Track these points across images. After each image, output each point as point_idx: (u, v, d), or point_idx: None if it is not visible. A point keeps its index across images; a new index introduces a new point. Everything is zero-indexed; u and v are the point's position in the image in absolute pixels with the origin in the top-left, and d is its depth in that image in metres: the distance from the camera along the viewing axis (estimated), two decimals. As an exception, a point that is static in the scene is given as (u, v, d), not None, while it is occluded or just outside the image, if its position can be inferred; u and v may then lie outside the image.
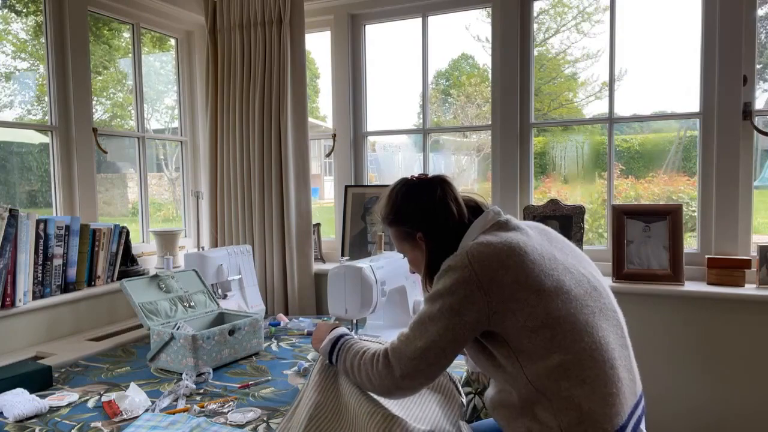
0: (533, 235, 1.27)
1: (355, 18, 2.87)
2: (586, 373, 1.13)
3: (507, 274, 1.15)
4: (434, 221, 1.33)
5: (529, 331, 1.14)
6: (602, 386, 1.13)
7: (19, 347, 1.98)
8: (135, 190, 2.87)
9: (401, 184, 1.41)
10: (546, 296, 1.15)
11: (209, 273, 2.26)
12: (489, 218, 1.30)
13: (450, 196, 1.35)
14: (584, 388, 1.12)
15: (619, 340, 1.23)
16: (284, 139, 2.67)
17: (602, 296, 1.25)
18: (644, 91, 2.52)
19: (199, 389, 1.61)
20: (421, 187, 1.37)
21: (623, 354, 1.22)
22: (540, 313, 1.14)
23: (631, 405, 1.18)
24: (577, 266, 1.26)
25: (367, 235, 2.81)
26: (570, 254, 1.29)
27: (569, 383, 1.12)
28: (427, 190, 1.36)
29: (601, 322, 1.20)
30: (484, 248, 1.19)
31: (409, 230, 1.37)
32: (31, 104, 2.50)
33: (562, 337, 1.14)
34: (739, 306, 2.09)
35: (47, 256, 2.07)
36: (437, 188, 1.35)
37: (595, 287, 1.25)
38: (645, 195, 2.69)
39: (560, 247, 1.29)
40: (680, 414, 2.20)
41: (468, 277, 1.16)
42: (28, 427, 1.38)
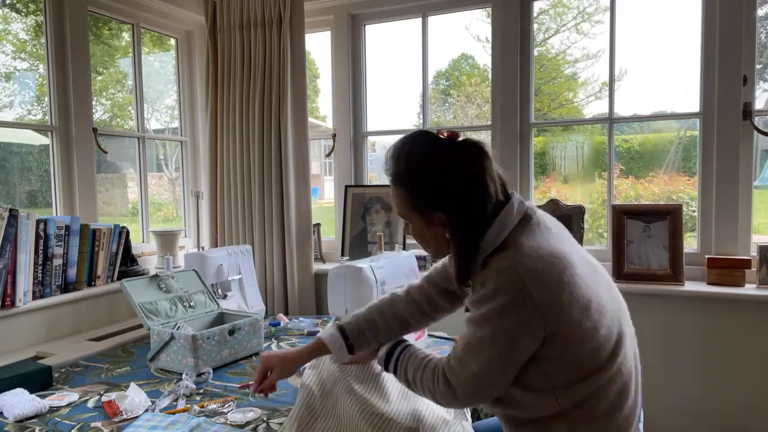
0: (564, 237, 1.15)
1: (355, 18, 2.87)
2: (614, 394, 1.09)
3: (563, 293, 1.01)
4: (465, 204, 1.08)
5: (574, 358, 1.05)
6: (623, 405, 1.11)
7: (19, 347, 1.97)
8: (135, 190, 2.87)
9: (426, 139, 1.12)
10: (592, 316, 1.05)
11: (209, 273, 2.26)
12: (515, 210, 1.10)
13: (489, 174, 1.09)
14: (606, 407, 1.09)
15: (634, 351, 1.19)
16: (284, 139, 2.67)
17: (623, 305, 1.20)
18: (644, 91, 2.52)
19: (199, 389, 1.61)
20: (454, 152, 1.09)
21: (636, 366, 1.19)
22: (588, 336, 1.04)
23: (636, 416, 1.17)
24: (600, 273, 1.17)
25: (367, 235, 2.81)
26: (588, 258, 1.19)
27: (598, 405, 1.08)
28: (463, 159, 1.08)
29: (625, 329, 1.14)
30: (536, 264, 1.02)
31: (427, 204, 1.12)
32: (31, 104, 2.50)
33: (601, 360, 1.06)
34: (739, 306, 2.09)
35: (47, 256, 2.07)
36: (475, 162, 1.08)
37: (615, 295, 1.18)
38: (645, 195, 2.69)
39: (580, 251, 1.17)
40: (680, 414, 2.20)
41: (523, 300, 1.00)
42: (28, 427, 1.37)
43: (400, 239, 2.70)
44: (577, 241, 2.00)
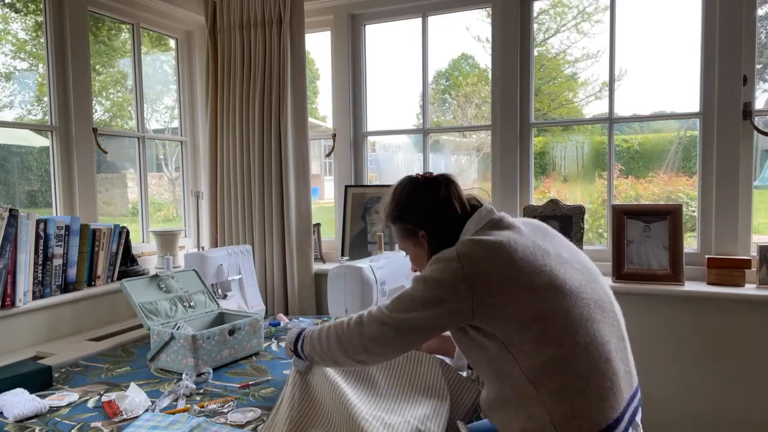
0: (526, 231, 1.29)
1: (355, 18, 2.87)
2: (580, 367, 1.14)
3: (495, 270, 1.18)
4: (437, 220, 1.35)
5: (519, 325, 1.16)
6: (597, 380, 1.14)
7: (19, 347, 1.97)
8: (135, 190, 2.87)
9: (406, 182, 1.42)
10: (537, 291, 1.17)
11: (209, 273, 2.26)
12: (482, 216, 1.32)
13: (454, 195, 1.36)
14: (578, 382, 1.13)
15: (615, 332, 1.24)
16: (284, 139, 2.67)
17: (597, 289, 1.27)
18: (644, 91, 2.52)
19: (199, 389, 1.61)
20: (426, 185, 1.39)
21: (620, 346, 1.23)
22: (531, 307, 1.16)
23: (626, 398, 1.19)
24: (572, 261, 1.27)
25: (367, 235, 2.81)
26: (565, 250, 1.30)
27: (563, 377, 1.14)
28: (432, 188, 1.37)
29: (597, 315, 1.21)
30: (473, 245, 1.23)
31: (412, 228, 1.38)
32: (31, 104, 2.50)
33: (555, 331, 1.15)
34: (739, 306, 2.09)
35: (47, 256, 2.07)
36: (442, 187, 1.36)
37: (590, 281, 1.26)
38: (645, 195, 2.69)
39: (555, 243, 1.30)
40: (680, 413, 2.20)
41: (455, 270, 1.19)
42: (28, 427, 1.37)
43: (400, 239, 2.70)
44: (578, 241, 2.04)
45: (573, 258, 1.29)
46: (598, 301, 1.24)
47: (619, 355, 1.21)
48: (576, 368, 1.14)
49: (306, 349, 1.42)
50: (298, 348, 1.44)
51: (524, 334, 1.16)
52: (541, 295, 1.17)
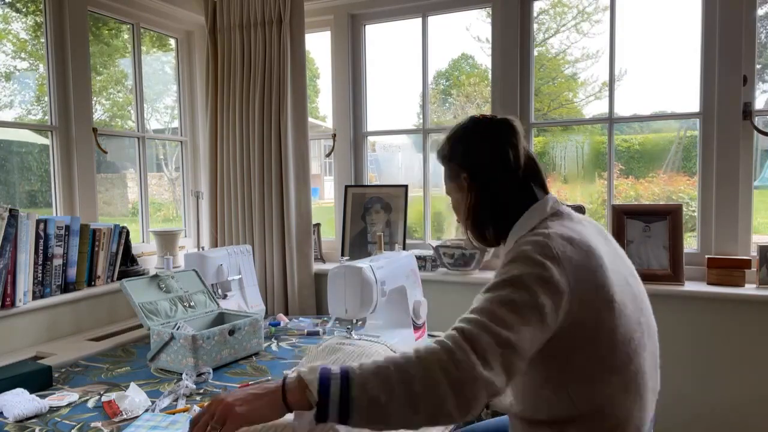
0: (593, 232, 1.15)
1: (355, 18, 2.87)
2: (630, 398, 1.07)
3: (593, 278, 1.03)
4: (486, 164, 1.18)
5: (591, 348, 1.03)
6: (638, 411, 1.10)
7: (19, 347, 1.97)
8: (135, 190, 2.87)
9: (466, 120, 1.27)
10: (613, 311, 1.04)
11: (209, 273, 2.26)
12: (550, 205, 1.16)
13: (511, 142, 1.19)
14: (623, 411, 1.07)
15: (654, 360, 1.18)
16: (284, 139, 2.67)
17: (647, 313, 1.18)
18: (644, 91, 2.52)
19: (199, 389, 1.61)
20: (483, 125, 1.23)
21: (654, 375, 1.18)
22: (606, 329, 1.03)
23: (649, 422, 1.17)
24: (630, 278, 1.16)
25: (367, 235, 2.81)
26: (623, 263, 1.19)
27: (612, 408, 1.06)
28: (490, 129, 1.21)
29: (647, 342, 1.13)
30: (567, 243, 1.03)
31: (456, 168, 1.23)
32: (31, 104, 2.50)
33: (618, 360, 1.05)
34: (739, 306, 2.09)
35: (47, 256, 2.07)
36: (499, 130, 1.20)
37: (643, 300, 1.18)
38: (645, 195, 2.69)
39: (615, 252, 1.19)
40: (679, 413, 2.20)
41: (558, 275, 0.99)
42: (28, 427, 1.37)
43: (400, 239, 2.70)
44: None
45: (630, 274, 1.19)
46: (649, 328, 1.16)
47: (652, 385, 1.16)
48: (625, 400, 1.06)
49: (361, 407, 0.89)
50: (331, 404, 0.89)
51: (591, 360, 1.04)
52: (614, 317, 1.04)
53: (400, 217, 2.72)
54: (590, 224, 1.19)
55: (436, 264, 2.60)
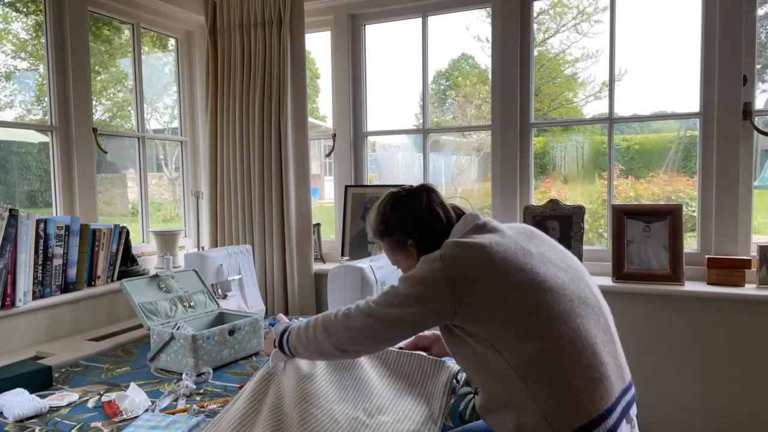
0: (510, 234, 1.34)
1: (355, 18, 2.87)
2: (565, 359, 1.17)
3: (475, 271, 1.23)
4: (423, 227, 1.40)
5: (501, 322, 1.20)
6: (584, 371, 1.17)
7: (19, 347, 1.98)
8: (135, 190, 2.87)
9: (389, 197, 1.48)
10: (516, 289, 1.21)
11: (209, 273, 2.26)
12: (468, 221, 1.37)
13: (436, 202, 1.42)
14: (565, 374, 1.17)
15: (601, 327, 1.27)
16: (284, 139, 2.67)
17: (582, 287, 1.30)
18: (644, 91, 2.52)
19: (199, 389, 1.61)
20: (408, 196, 1.44)
21: (607, 340, 1.26)
22: (510, 305, 1.20)
23: (618, 390, 1.22)
24: (555, 260, 1.31)
25: (367, 235, 2.81)
26: (549, 250, 1.34)
27: (550, 370, 1.17)
28: (414, 198, 1.43)
29: (581, 311, 1.24)
30: (456, 247, 1.28)
31: (401, 238, 1.43)
32: (31, 104, 2.50)
33: (537, 326, 1.19)
34: (739, 306, 2.09)
35: (47, 256, 2.07)
36: (423, 196, 1.42)
37: (573, 279, 1.30)
38: (645, 195, 2.69)
39: (539, 244, 1.35)
40: (679, 413, 2.20)
41: (437, 270, 1.24)
42: (28, 427, 1.38)
43: (400, 239, 2.70)
44: (578, 241, 2.06)
45: (557, 257, 1.33)
46: (582, 297, 1.27)
47: (606, 348, 1.24)
48: (561, 361, 1.17)
49: (292, 339, 1.43)
50: (283, 340, 1.45)
51: (507, 331, 1.20)
52: (520, 293, 1.21)
53: (400, 217, 2.71)
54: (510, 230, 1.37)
55: (436, 264, 2.59)
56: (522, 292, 1.22)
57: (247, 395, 1.39)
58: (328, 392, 1.41)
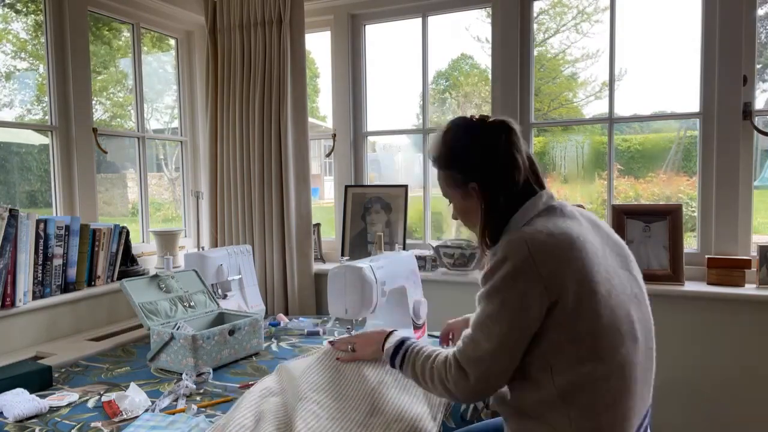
0: (587, 226, 1.19)
1: (355, 18, 2.87)
2: (614, 387, 1.09)
3: (568, 267, 1.08)
4: (494, 173, 1.19)
5: (574, 335, 1.08)
6: (625, 401, 1.11)
7: (19, 347, 1.97)
8: (135, 190, 2.87)
9: (460, 123, 1.26)
10: (598, 299, 1.08)
11: (209, 273, 2.26)
12: (543, 201, 1.19)
13: (516, 147, 1.21)
14: (607, 400, 1.09)
15: (646, 352, 1.18)
16: (284, 139, 2.67)
17: (642, 305, 1.20)
18: (644, 91, 2.52)
19: (199, 389, 1.61)
20: (483, 129, 1.23)
21: (647, 366, 1.19)
22: (590, 317, 1.08)
23: (642, 414, 1.18)
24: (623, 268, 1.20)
25: (367, 235, 2.81)
26: (619, 253, 1.22)
27: (596, 395, 1.08)
28: (491, 134, 1.21)
29: (638, 333, 1.15)
30: (545, 237, 1.09)
31: (462, 178, 1.23)
32: (31, 104, 2.50)
33: (602, 348, 1.08)
34: (739, 306, 2.09)
35: (47, 256, 2.07)
36: (502, 135, 1.21)
37: (636, 294, 1.19)
38: (645, 195, 2.69)
39: (611, 244, 1.22)
40: (679, 413, 2.20)
41: (528, 269, 1.07)
42: (28, 427, 1.37)
43: (400, 239, 2.70)
44: None
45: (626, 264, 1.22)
46: (642, 318, 1.18)
47: (643, 376, 1.17)
48: (610, 388, 1.09)
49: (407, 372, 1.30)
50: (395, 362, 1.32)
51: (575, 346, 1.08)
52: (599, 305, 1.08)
53: (400, 217, 2.72)
54: (582, 218, 1.22)
55: (436, 264, 2.60)
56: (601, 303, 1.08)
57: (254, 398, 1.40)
58: (327, 391, 1.41)
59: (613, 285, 1.12)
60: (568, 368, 1.09)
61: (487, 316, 1.12)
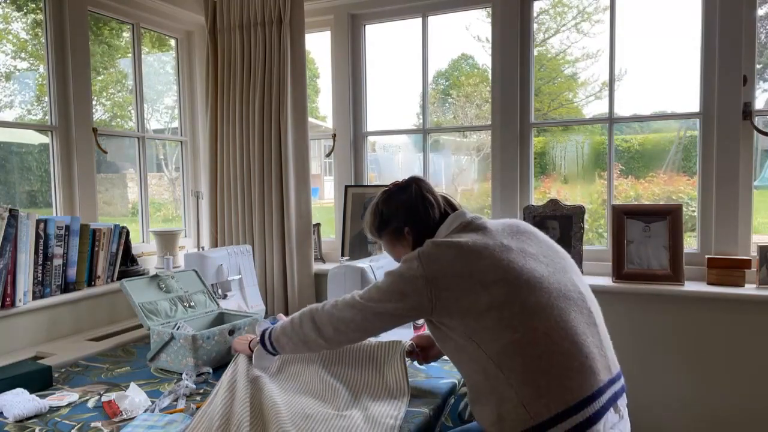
0: (495, 232, 1.39)
1: (355, 18, 2.87)
2: (540, 349, 1.22)
3: (450, 268, 1.31)
4: (416, 213, 1.48)
5: (476, 315, 1.26)
6: (562, 360, 1.22)
7: (19, 347, 1.98)
8: (135, 190, 2.87)
9: (381, 195, 1.56)
10: (490, 284, 1.27)
11: (209, 273, 2.26)
12: (453, 221, 1.44)
13: (425, 189, 1.51)
14: (540, 363, 1.21)
15: (584, 319, 1.31)
16: (284, 139, 2.67)
17: (563, 280, 1.34)
18: (644, 91, 2.52)
19: (199, 389, 1.61)
20: (398, 189, 1.53)
21: (591, 331, 1.30)
22: (484, 299, 1.26)
23: (604, 380, 1.25)
24: (538, 255, 1.36)
25: (368, 236, 2.81)
26: (533, 245, 1.39)
27: (524, 359, 1.22)
28: (404, 189, 1.51)
29: (559, 303, 1.29)
30: (434, 247, 1.36)
31: (397, 226, 1.50)
32: (31, 104, 2.50)
33: (510, 318, 1.24)
34: (739, 306, 2.09)
35: (47, 256, 2.07)
36: (412, 185, 1.51)
37: (554, 272, 1.34)
38: (645, 195, 2.69)
39: (523, 239, 1.40)
40: (679, 414, 2.20)
41: (415, 268, 1.32)
42: (28, 427, 1.38)
43: (400, 239, 2.70)
44: (578, 241, 2.09)
45: (540, 252, 1.38)
46: (563, 290, 1.32)
47: (590, 339, 1.28)
48: (535, 351, 1.22)
49: (276, 332, 1.52)
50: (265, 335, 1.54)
51: (481, 322, 1.26)
52: (494, 288, 1.27)
53: (400, 217, 2.71)
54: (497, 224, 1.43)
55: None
56: (496, 287, 1.27)
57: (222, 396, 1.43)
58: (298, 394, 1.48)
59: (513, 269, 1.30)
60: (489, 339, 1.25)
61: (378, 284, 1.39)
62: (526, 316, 1.25)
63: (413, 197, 1.49)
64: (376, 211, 1.56)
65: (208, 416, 1.35)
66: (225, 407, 1.37)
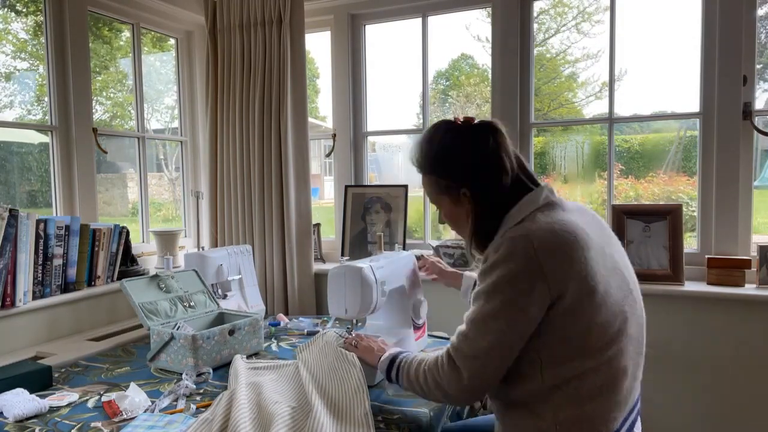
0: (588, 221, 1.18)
1: (355, 18, 2.87)
2: (602, 380, 1.10)
3: (572, 266, 1.06)
4: (485, 177, 1.18)
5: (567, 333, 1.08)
6: (612, 394, 1.12)
7: (19, 347, 1.97)
8: (135, 190, 2.87)
9: (444, 127, 1.24)
10: (595, 297, 1.08)
11: (209, 273, 2.26)
12: (543, 195, 1.18)
13: (504, 149, 1.19)
14: (593, 392, 1.10)
15: (637, 348, 1.19)
16: (284, 139, 2.67)
17: (636, 302, 1.21)
18: (644, 91, 2.52)
19: (199, 389, 1.61)
20: (469, 133, 1.20)
21: (637, 362, 1.20)
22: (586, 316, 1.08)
23: (629, 408, 1.18)
24: (620, 265, 1.19)
25: (367, 235, 2.81)
26: (616, 250, 1.22)
27: (583, 388, 1.10)
28: (477, 137, 1.19)
29: (630, 329, 1.15)
30: (549, 235, 1.07)
31: (452, 184, 1.21)
32: (31, 104, 2.50)
33: (592, 346, 1.09)
34: (739, 306, 2.09)
35: (47, 256, 2.07)
36: (489, 137, 1.18)
37: (631, 291, 1.20)
38: (645, 195, 2.69)
39: (609, 241, 1.21)
40: (678, 414, 2.20)
41: (531, 267, 1.05)
42: (28, 427, 1.37)
43: (400, 239, 2.70)
44: None
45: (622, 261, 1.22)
46: (634, 314, 1.18)
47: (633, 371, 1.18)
48: (597, 381, 1.10)
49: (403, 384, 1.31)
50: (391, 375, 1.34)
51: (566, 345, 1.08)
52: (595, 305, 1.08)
53: (400, 217, 2.72)
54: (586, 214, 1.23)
55: (436, 264, 2.59)
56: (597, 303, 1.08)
57: None
58: None
59: (610, 283, 1.12)
60: (558, 363, 1.10)
61: (486, 314, 1.10)
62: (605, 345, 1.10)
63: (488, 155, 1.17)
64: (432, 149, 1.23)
65: (208, 423, 1.34)
66: (225, 412, 1.36)
